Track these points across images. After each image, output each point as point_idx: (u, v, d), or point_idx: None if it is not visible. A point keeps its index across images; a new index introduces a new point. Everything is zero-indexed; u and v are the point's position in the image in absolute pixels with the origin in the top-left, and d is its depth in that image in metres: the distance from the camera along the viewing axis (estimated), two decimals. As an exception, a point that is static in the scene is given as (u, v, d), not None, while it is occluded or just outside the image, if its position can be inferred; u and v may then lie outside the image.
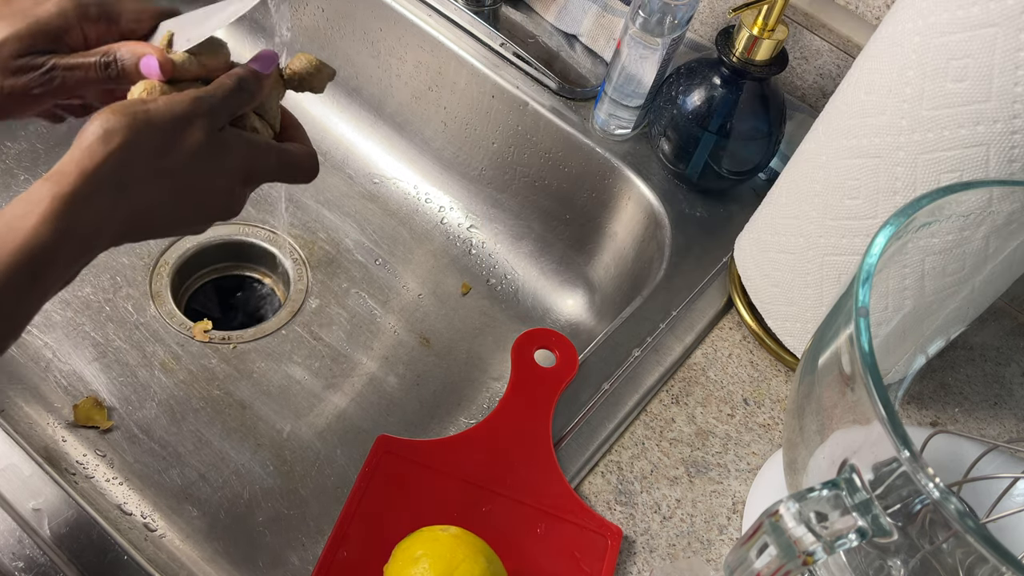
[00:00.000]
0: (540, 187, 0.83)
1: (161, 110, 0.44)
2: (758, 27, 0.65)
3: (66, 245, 0.41)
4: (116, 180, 0.42)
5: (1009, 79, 0.45)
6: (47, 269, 0.41)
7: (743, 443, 0.62)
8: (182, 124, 0.45)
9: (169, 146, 0.44)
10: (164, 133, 0.44)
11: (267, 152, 0.49)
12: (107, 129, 0.42)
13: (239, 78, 0.47)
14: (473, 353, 0.80)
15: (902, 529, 0.37)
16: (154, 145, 0.44)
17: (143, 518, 0.66)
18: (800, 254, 0.59)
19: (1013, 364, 0.67)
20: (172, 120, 0.44)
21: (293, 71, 0.51)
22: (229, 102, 0.47)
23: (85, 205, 0.41)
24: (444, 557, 0.49)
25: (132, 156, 0.43)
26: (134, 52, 0.47)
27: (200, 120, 0.45)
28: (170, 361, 0.75)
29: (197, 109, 0.45)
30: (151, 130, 0.43)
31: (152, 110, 0.44)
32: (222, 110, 0.46)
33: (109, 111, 0.43)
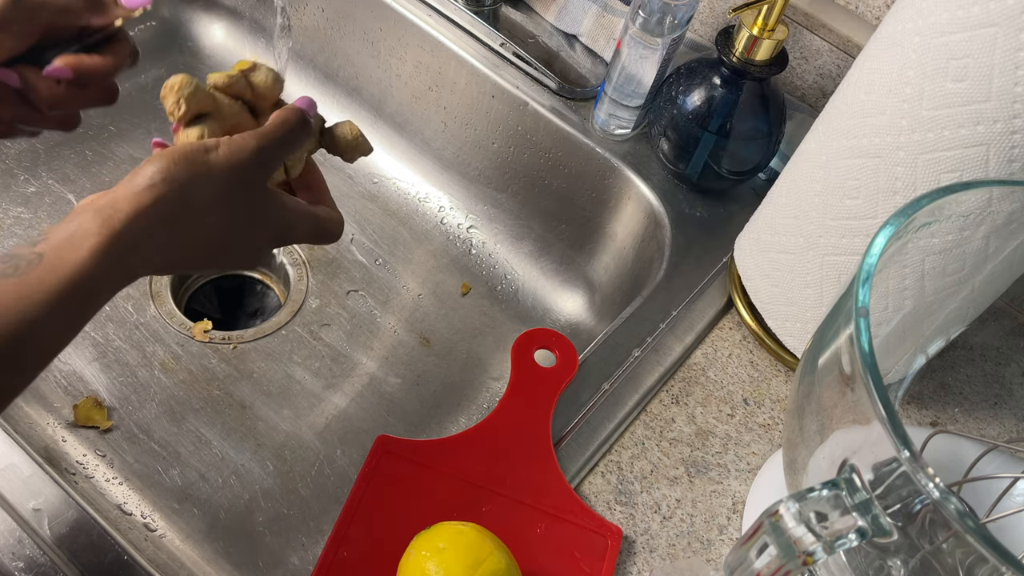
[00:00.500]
0: (540, 187, 0.83)
1: (221, 162, 0.44)
2: (758, 27, 0.65)
3: (113, 277, 0.41)
4: (167, 223, 0.43)
5: (1009, 79, 0.45)
6: (92, 300, 0.41)
7: (743, 443, 0.62)
8: (240, 177, 0.45)
9: (224, 197, 0.44)
10: (221, 184, 0.44)
11: (306, 219, 0.49)
12: (166, 176, 0.42)
13: (292, 122, 0.48)
14: (473, 353, 0.80)
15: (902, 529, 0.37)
16: (210, 195, 0.44)
17: (143, 518, 0.66)
18: (800, 254, 0.59)
19: (1013, 364, 0.67)
20: (231, 172, 0.44)
21: (334, 132, 0.51)
22: (284, 149, 0.47)
23: (135, 242, 0.41)
24: (471, 549, 0.49)
25: (187, 203, 0.43)
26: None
27: (257, 174, 0.46)
28: (170, 361, 0.75)
29: (256, 161, 0.45)
30: (210, 182, 0.44)
31: (213, 161, 0.44)
32: (277, 158, 0.47)
33: (170, 155, 0.43)
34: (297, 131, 0.48)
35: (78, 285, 0.40)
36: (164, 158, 0.43)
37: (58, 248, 0.40)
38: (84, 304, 0.41)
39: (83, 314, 0.41)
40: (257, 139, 0.46)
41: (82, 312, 0.41)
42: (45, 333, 0.40)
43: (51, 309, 0.39)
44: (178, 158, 0.43)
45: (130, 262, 0.42)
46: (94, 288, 0.41)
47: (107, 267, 0.40)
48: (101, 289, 0.41)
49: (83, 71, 0.48)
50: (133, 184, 0.42)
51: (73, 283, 0.39)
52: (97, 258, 0.40)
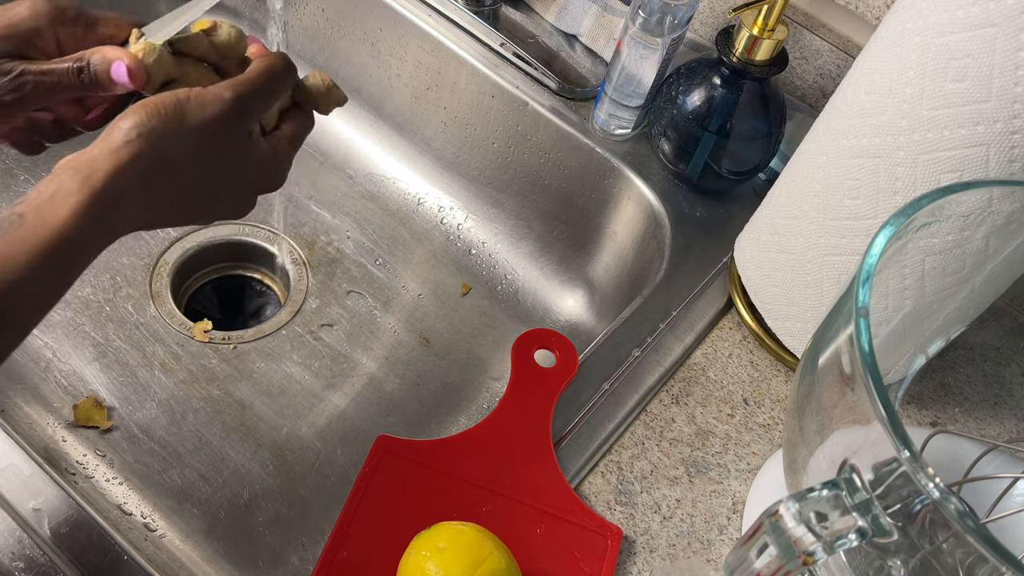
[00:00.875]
0: (540, 187, 0.83)
1: (195, 111, 0.43)
2: (758, 27, 0.65)
3: (95, 237, 0.41)
4: (147, 177, 0.42)
5: (1009, 79, 0.45)
6: (76, 259, 0.41)
7: (743, 443, 0.62)
8: (216, 128, 0.44)
9: (201, 149, 0.44)
10: (197, 136, 0.44)
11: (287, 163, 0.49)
12: (141, 131, 0.42)
13: (277, 68, 0.47)
14: (473, 353, 0.80)
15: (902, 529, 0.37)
16: (187, 147, 0.44)
17: (143, 518, 0.66)
18: (800, 254, 0.59)
19: (1013, 364, 0.67)
20: (205, 123, 0.44)
21: (306, 85, 0.50)
22: (262, 99, 0.46)
23: (115, 199, 0.41)
24: (471, 549, 0.49)
25: (165, 156, 0.43)
26: (106, 57, 0.45)
27: (234, 124, 0.45)
28: (170, 361, 0.75)
29: (232, 110, 0.45)
30: (185, 134, 0.43)
31: (187, 112, 0.43)
32: (255, 108, 0.46)
33: (143, 109, 0.42)
34: (283, 76, 0.47)
35: (60, 245, 0.39)
36: (138, 112, 0.42)
37: (38, 208, 0.40)
38: (67, 264, 0.41)
39: (67, 275, 0.41)
40: (233, 88, 0.45)
41: (66, 272, 0.41)
42: (28, 294, 0.39)
43: (33, 270, 0.39)
44: (151, 111, 0.42)
45: (112, 220, 0.42)
46: (77, 247, 0.40)
47: (89, 226, 0.40)
48: (84, 249, 0.41)
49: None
50: (110, 140, 0.42)
51: (55, 243, 0.39)
52: (78, 217, 0.40)
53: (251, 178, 0.48)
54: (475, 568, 0.48)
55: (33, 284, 0.39)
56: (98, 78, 0.46)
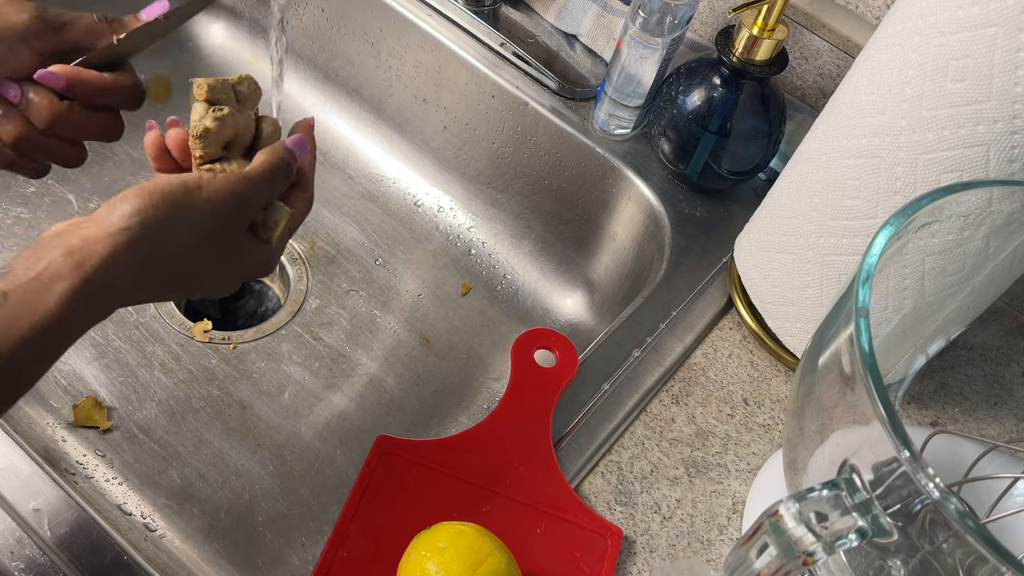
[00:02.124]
0: (540, 187, 0.83)
1: (202, 206, 0.43)
2: (758, 27, 0.65)
3: (83, 319, 0.41)
4: (141, 265, 0.42)
5: (1009, 79, 0.45)
6: (62, 340, 0.41)
7: (743, 443, 0.62)
8: (220, 223, 0.44)
9: (201, 241, 0.44)
10: (199, 228, 0.43)
11: (275, 257, 0.49)
12: (143, 219, 0.41)
13: (276, 168, 0.47)
14: (473, 353, 0.80)
15: (902, 529, 0.37)
16: (186, 238, 0.43)
17: (143, 518, 0.66)
18: (800, 254, 0.59)
19: (1013, 364, 0.67)
20: (212, 217, 0.44)
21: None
22: (265, 196, 0.47)
23: (106, 285, 0.41)
24: (471, 549, 0.49)
25: (162, 245, 0.42)
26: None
27: (237, 215, 0.45)
28: (170, 361, 0.75)
29: (238, 207, 0.45)
30: (186, 222, 0.43)
31: (193, 204, 0.43)
32: (259, 204, 0.46)
33: (148, 198, 0.41)
34: (281, 177, 0.47)
35: (48, 328, 0.39)
36: (142, 197, 0.41)
37: (26, 290, 0.38)
38: (54, 345, 0.40)
39: (53, 353, 0.41)
40: (244, 184, 0.45)
41: (52, 352, 0.40)
42: (12, 373, 0.39)
43: (18, 352, 0.38)
44: (157, 200, 0.41)
45: (102, 302, 0.41)
46: (65, 330, 0.40)
47: (78, 310, 0.40)
48: (72, 330, 0.41)
49: (76, 82, 0.47)
50: (108, 223, 0.41)
51: (43, 327, 0.38)
52: (68, 302, 0.39)
53: (244, 266, 0.48)
54: (475, 568, 0.48)
55: (18, 364, 0.39)
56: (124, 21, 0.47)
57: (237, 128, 0.48)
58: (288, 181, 0.48)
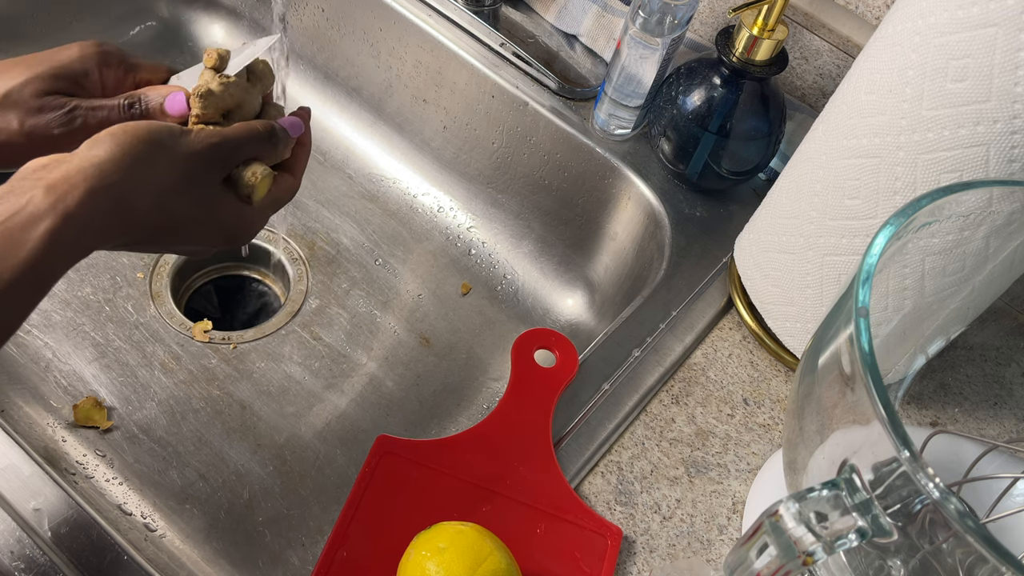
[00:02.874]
0: (540, 187, 0.83)
1: (180, 148, 0.44)
2: (758, 27, 0.65)
3: (64, 259, 0.41)
4: (120, 203, 0.42)
5: (1009, 79, 0.45)
6: (48, 280, 0.41)
7: (743, 443, 0.62)
8: (192, 163, 0.45)
9: (176, 181, 0.45)
10: (178, 170, 0.44)
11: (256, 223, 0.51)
12: (125, 153, 0.42)
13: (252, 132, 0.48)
14: (473, 353, 0.80)
15: (902, 529, 0.37)
16: (165, 180, 0.44)
17: (143, 518, 0.66)
18: (800, 254, 0.59)
19: (1013, 364, 0.67)
20: (183, 156, 0.45)
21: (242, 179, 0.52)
22: (239, 153, 0.48)
23: (87, 224, 0.41)
24: (471, 549, 0.49)
25: (140, 182, 0.43)
26: (160, 92, 0.49)
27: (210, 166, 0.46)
28: (170, 361, 0.75)
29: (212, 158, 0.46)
30: (164, 161, 0.44)
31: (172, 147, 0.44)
32: (231, 158, 0.48)
33: (133, 136, 0.42)
34: (260, 141, 0.49)
35: (32, 268, 0.39)
36: (125, 133, 0.42)
37: (8, 227, 0.39)
38: (36, 286, 0.40)
39: (35, 295, 0.41)
40: (219, 137, 0.46)
41: (34, 293, 0.41)
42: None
43: (5, 291, 0.38)
44: (139, 136, 0.43)
45: (83, 241, 0.41)
46: (50, 272, 0.40)
47: (60, 249, 0.40)
48: (57, 272, 0.41)
49: None
50: (88, 157, 0.41)
51: (27, 266, 0.39)
52: (49, 242, 0.39)
53: (222, 224, 0.49)
54: (475, 568, 0.48)
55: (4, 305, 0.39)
56: (150, 111, 0.48)
57: (239, 100, 0.50)
58: (270, 150, 0.50)
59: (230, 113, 0.50)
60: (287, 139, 0.51)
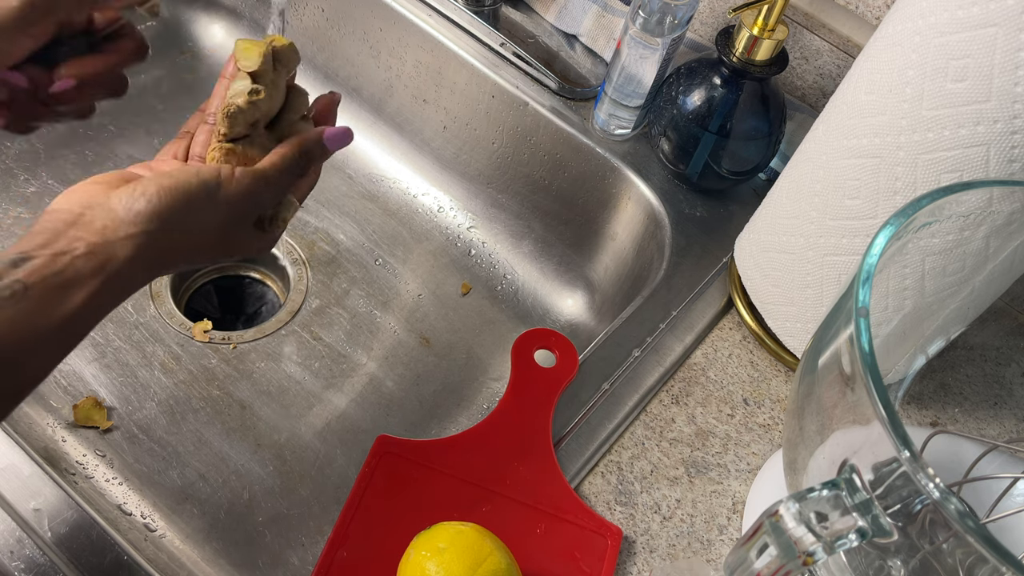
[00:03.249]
0: (540, 187, 0.83)
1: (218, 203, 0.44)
2: (758, 27, 0.65)
3: (99, 316, 0.42)
4: (156, 260, 0.43)
5: (1009, 79, 0.45)
6: (78, 338, 0.41)
7: (743, 443, 0.62)
8: (230, 219, 0.45)
9: (211, 235, 0.45)
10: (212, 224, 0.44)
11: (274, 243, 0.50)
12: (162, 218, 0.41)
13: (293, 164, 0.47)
14: (473, 353, 0.80)
15: (902, 529, 0.37)
16: (200, 232, 0.44)
17: (143, 518, 0.66)
18: (800, 254, 0.59)
19: (1013, 364, 0.67)
20: (225, 215, 0.44)
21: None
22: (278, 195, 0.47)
23: (125, 285, 0.42)
24: (471, 549, 0.49)
25: (179, 241, 0.43)
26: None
27: (249, 215, 0.46)
28: (170, 361, 0.75)
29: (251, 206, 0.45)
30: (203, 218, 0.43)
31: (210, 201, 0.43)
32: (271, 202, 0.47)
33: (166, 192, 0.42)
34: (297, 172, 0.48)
35: (66, 329, 0.39)
36: (161, 196, 0.42)
37: (48, 287, 0.39)
38: (70, 343, 0.41)
39: (66, 350, 0.41)
40: (260, 184, 0.45)
41: (66, 348, 0.41)
42: (26, 369, 0.39)
43: (36, 350, 0.39)
44: (175, 199, 0.42)
45: (118, 299, 0.42)
46: (81, 329, 0.41)
47: (97, 309, 0.41)
48: (87, 328, 0.41)
49: (88, 76, 0.48)
50: (126, 221, 0.41)
51: (62, 328, 0.39)
52: (89, 305, 0.40)
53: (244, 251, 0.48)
54: (475, 568, 0.48)
55: (34, 361, 0.39)
56: None
57: (269, 107, 0.47)
58: (304, 171, 0.48)
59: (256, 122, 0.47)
60: (324, 155, 0.49)
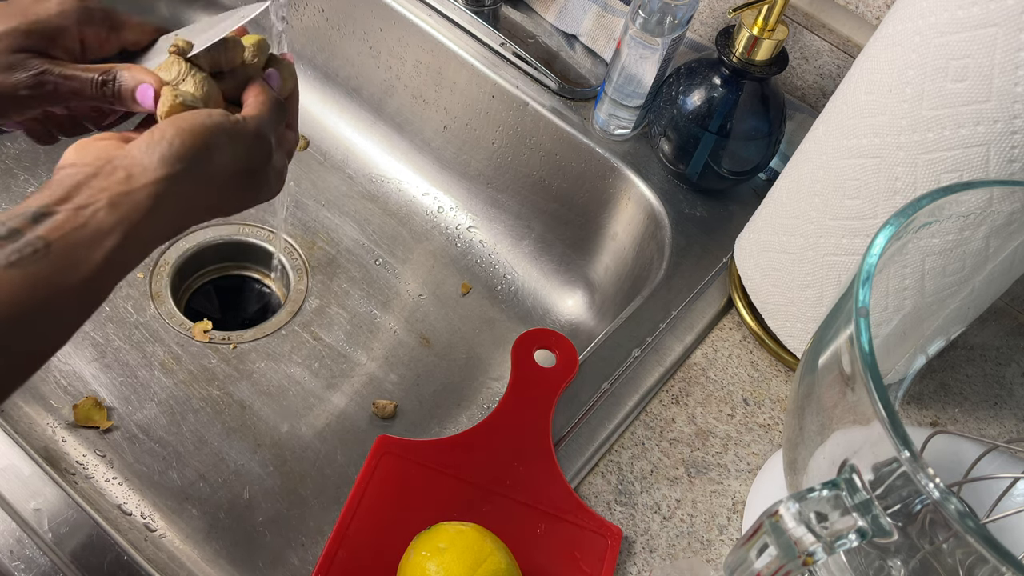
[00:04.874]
0: (540, 187, 0.83)
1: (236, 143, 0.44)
2: (758, 27, 0.65)
3: (124, 270, 0.41)
4: (186, 206, 0.42)
5: (1009, 79, 0.45)
6: (104, 293, 0.41)
7: (743, 443, 0.62)
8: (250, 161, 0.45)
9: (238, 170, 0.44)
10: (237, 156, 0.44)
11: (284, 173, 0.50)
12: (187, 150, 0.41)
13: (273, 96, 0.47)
14: (473, 353, 0.80)
15: (902, 529, 0.37)
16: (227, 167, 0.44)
17: (143, 518, 0.66)
18: (800, 254, 0.59)
19: (1013, 364, 0.67)
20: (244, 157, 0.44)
21: None
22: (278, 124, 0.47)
23: (152, 236, 0.41)
24: (471, 549, 0.49)
25: (205, 180, 0.43)
26: (135, 76, 0.45)
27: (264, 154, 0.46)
28: (170, 361, 0.75)
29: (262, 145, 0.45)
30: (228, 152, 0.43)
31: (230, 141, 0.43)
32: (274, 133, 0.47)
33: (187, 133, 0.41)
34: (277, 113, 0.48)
35: (90, 287, 0.39)
36: (183, 137, 0.41)
37: (69, 243, 0.38)
38: (95, 298, 0.40)
39: (92, 307, 0.40)
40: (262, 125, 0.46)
41: (91, 305, 0.40)
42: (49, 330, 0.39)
43: (57, 310, 0.38)
44: (204, 131, 0.42)
45: (144, 252, 0.41)
46: (104, 286, 0.40)
47: (122, 264, 0.40)
48: (112, 282, 0.41)
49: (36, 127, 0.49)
50: (148, 167, 0.40)
51: (86, 286, 0.39)
52: (112, 260, 0.39)
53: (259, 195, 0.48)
54: (475, 568, 0.48)
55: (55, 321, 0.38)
56: (121, 95, 0.45)
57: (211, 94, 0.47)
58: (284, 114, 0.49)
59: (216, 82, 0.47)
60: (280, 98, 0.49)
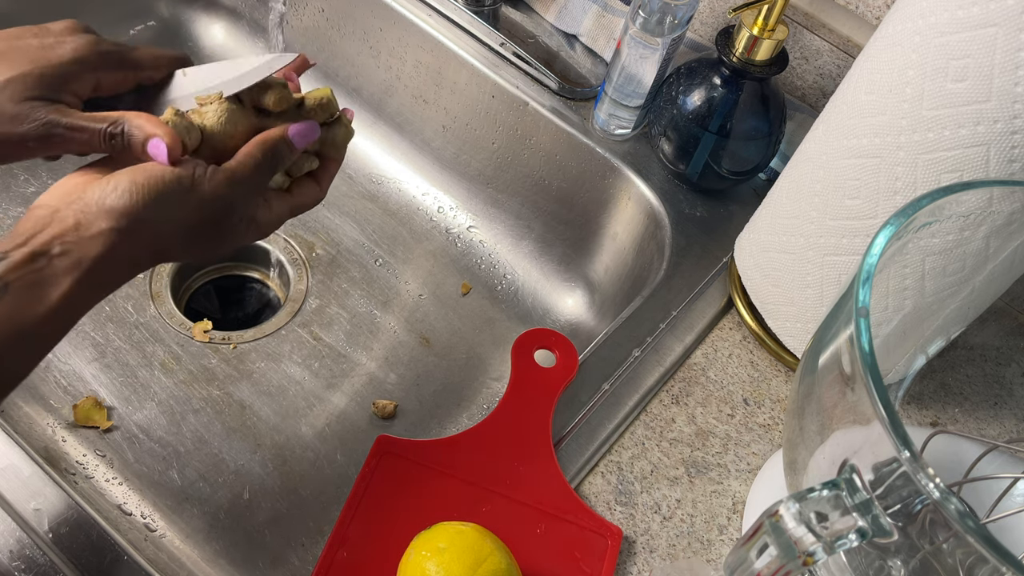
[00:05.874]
0: (540, 187, 0.83)
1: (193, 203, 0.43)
2: (758, 27, 0.65)
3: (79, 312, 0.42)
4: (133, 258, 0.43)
5: (1009, 79, 0.45)
6: (58, 335, 0.42)
7: (743, 443, 0.62)
8: (206, 219, 0.45)
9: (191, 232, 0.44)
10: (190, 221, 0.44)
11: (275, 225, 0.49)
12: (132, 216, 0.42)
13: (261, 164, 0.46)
14: (473, 353, 0.80)
15: (902, 529, 0.37)
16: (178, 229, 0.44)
17: (143, 518, 0.66)
18: (800, 254, 0.59)
19: (1013, 364, 0.67)
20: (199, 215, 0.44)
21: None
22: (253, 191, 0.47)
23: (103, 280, 0.42)
24: (471, 549, 0.49)
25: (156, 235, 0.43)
26: (143, 129, 0.44)
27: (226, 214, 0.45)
28: (170, 361, 0.75)
29: (226, 208, 0.45)
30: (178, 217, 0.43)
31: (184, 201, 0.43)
32: (247, 200, 0.46)
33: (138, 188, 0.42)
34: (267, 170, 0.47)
35: (48, 325, 0.40)
36: (132, 193, 0.42)
37: (26, 284, 0.39)
38: (49, 340, 0.41)
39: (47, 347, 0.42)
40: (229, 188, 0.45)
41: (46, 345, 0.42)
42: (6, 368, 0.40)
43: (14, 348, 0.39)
44: (147, 195, 0.42)
45: (97, 294, 0.42)
46: (60, 326, 0.41)
47: (75, 305, 0.41)
48: (67, 324, 0.42)
49: None
50: (98, 218, 0.41)
51: (44, 324, 0.40)
52: (68, 301, 0.40)
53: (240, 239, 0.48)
54: (475, 568, 0.48)
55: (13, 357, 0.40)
56: (131, 147, 0.44)
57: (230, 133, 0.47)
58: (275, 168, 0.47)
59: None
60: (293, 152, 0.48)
